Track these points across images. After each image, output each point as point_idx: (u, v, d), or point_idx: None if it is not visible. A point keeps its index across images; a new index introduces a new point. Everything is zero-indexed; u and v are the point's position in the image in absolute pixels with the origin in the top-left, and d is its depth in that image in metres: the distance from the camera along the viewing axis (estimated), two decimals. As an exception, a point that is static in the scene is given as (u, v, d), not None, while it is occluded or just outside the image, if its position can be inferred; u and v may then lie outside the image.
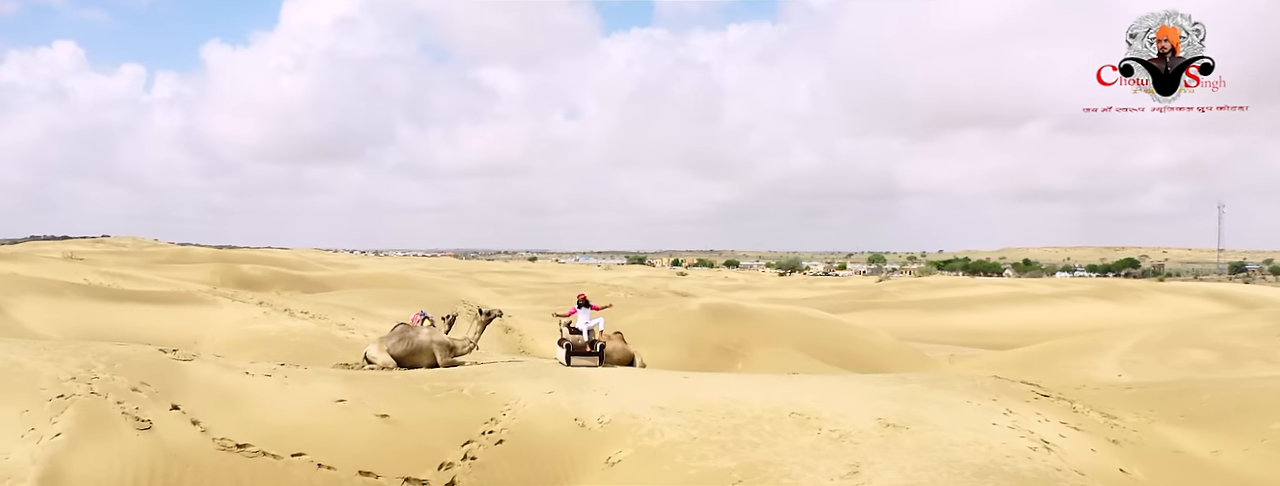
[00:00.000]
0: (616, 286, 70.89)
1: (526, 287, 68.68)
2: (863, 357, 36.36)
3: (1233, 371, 28.66)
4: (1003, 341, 50.05)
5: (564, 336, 15.29)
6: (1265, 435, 12.39)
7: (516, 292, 62.40)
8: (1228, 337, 32.02)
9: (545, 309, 46.36)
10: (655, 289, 74.58)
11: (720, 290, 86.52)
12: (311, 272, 50.25)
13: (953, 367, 36.66)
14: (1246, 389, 14.37)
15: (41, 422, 9.14)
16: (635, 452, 11.39)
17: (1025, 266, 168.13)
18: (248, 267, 45.55)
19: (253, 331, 19.57)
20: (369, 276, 52.20)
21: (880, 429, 11.57)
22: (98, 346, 11.34)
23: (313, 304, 23.32)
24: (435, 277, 61.79)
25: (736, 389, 13.63)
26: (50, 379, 10.02)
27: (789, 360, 33.10)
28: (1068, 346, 37.21)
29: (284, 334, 19.66)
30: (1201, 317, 41.44)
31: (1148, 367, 31.50)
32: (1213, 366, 29.94)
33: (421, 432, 11.39)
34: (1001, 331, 55.68)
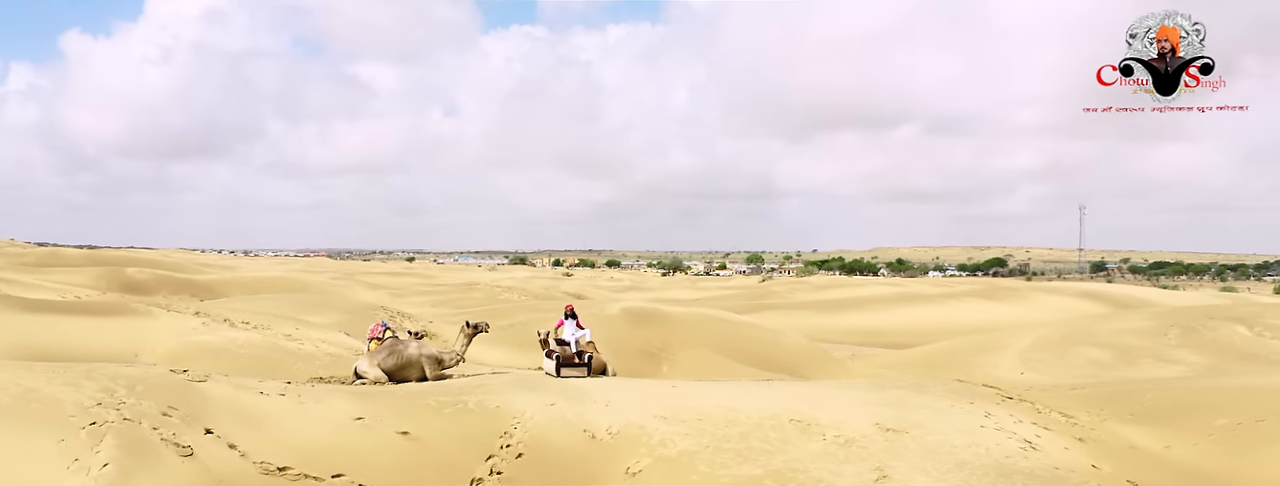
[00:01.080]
0: (509, 288, 70.84)
1: (418, 289, 67.75)
2: (777, 359, 37.56)
3: (1128, 369, 31.27)
4: (897, 340, 52.45)
5: (552, 348, 15.67)
6: (1211, 431, 13.94)
7: (409, 294, 61.59)
8: (1119, 337, 34.80)
9: (447, 313, 46.14)
10: (546, 290, 74.70)
11: (609, 291, 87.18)
12: (198, 276, 48.22)
13: (855, 367, 38.41)
14: (1186, 389, 16.02)
15: (83, 453, 9.04)
16: (654, 462, 11.96)
17: (899, 266, 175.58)
18: (133, 271, 43.37)
19: (196, 343, 19.09)
20: (259, 280, 50.55)
21: (881, 433, 12.49)
22: (107, 368, 11.12)
23: (249, 313, 22.76)
24: (323, 280, 60.27)
25: (728, 397, 14.36)
26: (75, 405, 9.85)
27: (711, 363, 34.04)
28: (968, 345, 39.59)
29: (229, 345, 19.26)
30: (1090, 317, 44.58)
31: (1047, 365, 33.79)
32: (1109, 364, 32.51)
33: (444, 449, 11.66)
34: (895, 331, 58.17)
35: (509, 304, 57.31)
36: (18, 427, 9.32)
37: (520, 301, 59.94)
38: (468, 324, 15.78)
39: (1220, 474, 12.87)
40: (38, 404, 9.78)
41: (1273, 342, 30.81)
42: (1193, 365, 30.16)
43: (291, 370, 17.59)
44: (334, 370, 17.20)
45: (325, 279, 62.22)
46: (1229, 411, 14.35)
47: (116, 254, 70.28)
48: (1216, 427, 13.99)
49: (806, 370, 35.36)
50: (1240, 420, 13.96)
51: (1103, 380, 27.02)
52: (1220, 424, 14.04)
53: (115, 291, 36.43)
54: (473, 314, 43.18)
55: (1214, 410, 14.54)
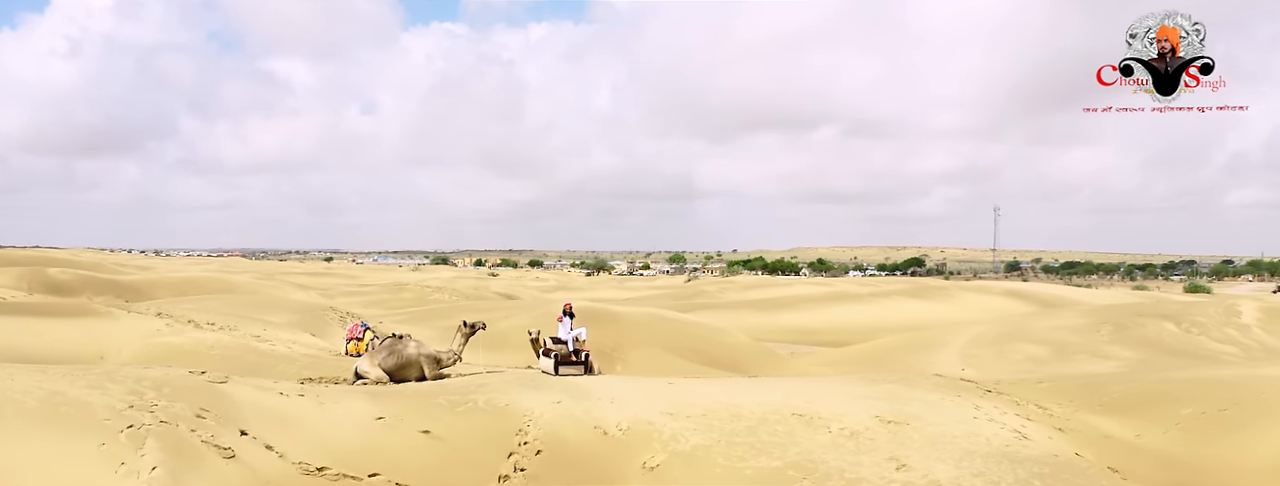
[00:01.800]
0: (439, 289, 70.33)
1: (345, 290, 66.73)
2: (724, 358, 38.27)
3: (1064, 365, 32.83)
4: (832, 339, 53.82)
5: (548, 346, 15.94)
6: (1177, 420, 14.97)
7: (337, 295, 60.65)
8: (1054, 334, 36.51)
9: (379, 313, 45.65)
10: (475, 290, 74.42)
11: (538, 291, 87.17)
12: (121, 277, 46.66)
13: (797, 365, 39.38)
14: (1149, 382, 17.11)
15: (129, 456, 9.05)
16: (670, 457, 12.37)
17: (820, 266, 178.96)
18: (55, 272, 41.75)
19: (163, 345, 18.77)
20: (185, 280, 49.20)
21: (883, 426, 13.15)
22: (128, 370, 11.08)
23: (212, 314, 22.40)
24: (248, 280, 58.96)
25: (726, 393, 14.88)
26: (106, 408, 9.82)
27: (662, 362, 34.56)
28: (908, 342, 41.00)
29: (198, 347, 18.99)
30: (1024, 315, 46.43)
31: (986, 361, 35.17)
32: (1046, 360, 34.09)
33: (466, 447, 11.89)
34: (828, 329, 59.54)
35: (440, 304, 57.04)
36: (53, 431, 9.27)
37: (451, 302, 59.65)
38: (465, 323, 15.98)
39: (1191, 460, 13.85)
40: (67, 407, 9.72)
41: (1200, 339, 32.71)
42: (1126, 360, 31.87)
43: (273, 372, 17.46)
44: (317, 371, 17.14)
45: (250, 279, 60.87)
46: (1192, 401, 15.41)
47: (27, 253, 67.43)
48: (1182, 417, 15.02)
49: (752, 368, 36.07)
50: (1204, 409, 15.02)
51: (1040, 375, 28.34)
52: (1185, 413, 15.08)
53: (39, 292, 35.16)
54: (410, 314, 43.04)
55: (1178, 400, 15.59)
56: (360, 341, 18.92)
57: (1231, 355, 30.10)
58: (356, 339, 18.97)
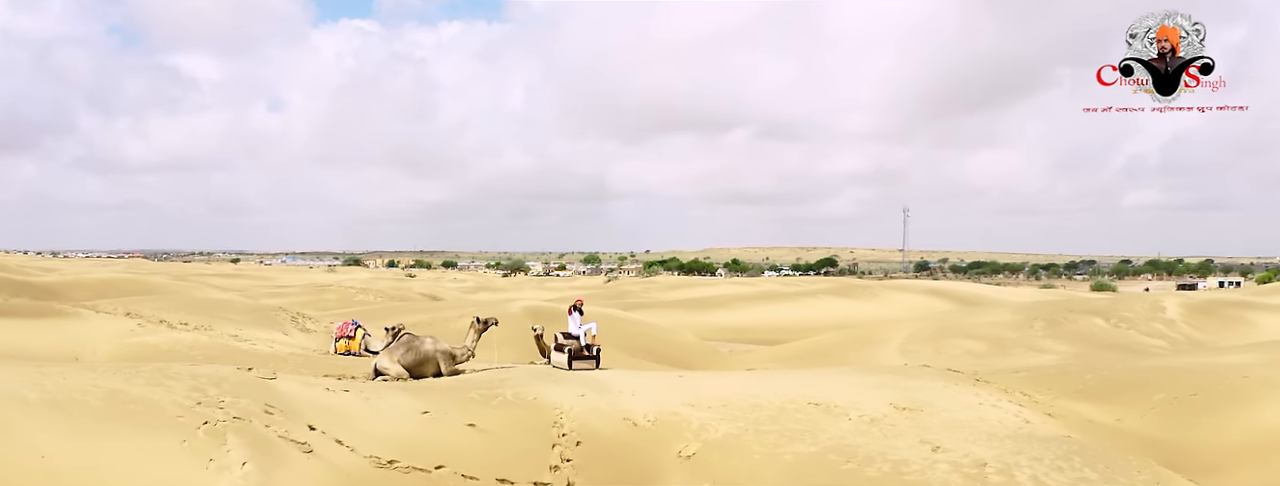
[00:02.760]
0: (363, 289, 69.45)
1: (264, 292, 65.24)
2: (671, 355, 38.96)
3: (1002, 359, 34.43)
4: (766, 337, 54.99)
5: (561, 342, 16.35)
6: (1152, 405, 16.20)
7: (260, 297, 59.36)
8: (989, 329, 38.22)
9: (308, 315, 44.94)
10: (399, 291, 73.72)
11: (459, 292, 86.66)
12: (36, 278, 44.82)
13: (740, 362, 40.30)
14: (1120, 370, 18.38)
15: (215, 452, 9.19)
16: (704, 446, 12.93)
17: (735, 266, 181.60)
18: (-29, 274, 39.99)
19: (140, 345, 18.46)
20: (102, 282, 47.54)
21: (899, 412, 13.97)
22: (176, 368, 11.10)
23: (180, 313, 21.99)
24: (164, 281, 57.31)
25: (739, 384, 15.53)
26: (174, 405, 9.90)
27: (616, 359, 34.95)
28: (848, 338, 42.31)
29: (177, 347, 18.74)
30: (958, 312, 48.23)
31: (926, 356, 36.55)
32: (984, 354, 35.70)
33: (512, 439, 12.24)
34: (760, 327, 60.78)
35: (367, 305, 56.38)
36: (127, 429, 9.33)
37: (376, 303, 59.02)
38: (478, 319, 16.28)
39: (1170, 441, 15.04)
40: (134, 405, 9.77)
41: (1129, 333, 34.77)
42: (1062, 354, 33.65)
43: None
44: (313, 370, 17.12)
45: (165, 280, 59.14)
46: (1163, 388, 16.68)
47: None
48: (1157, 402, 16.25)
49: (699, 366, 36.80)
50: (1176, 395, 16.28)
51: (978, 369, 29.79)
52: (1158, 399, 16.33)
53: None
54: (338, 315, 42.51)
55: (1150, 387, 16.84)
56: (351, 340, 18.91)
57: (1161, 348, 32.11)
58: (348, 337, 18.96)
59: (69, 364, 12.01)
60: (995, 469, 10.38)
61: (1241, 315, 36.89)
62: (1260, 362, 16.90)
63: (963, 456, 11.15)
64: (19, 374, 10.22)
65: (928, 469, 10.82)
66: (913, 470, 10.87)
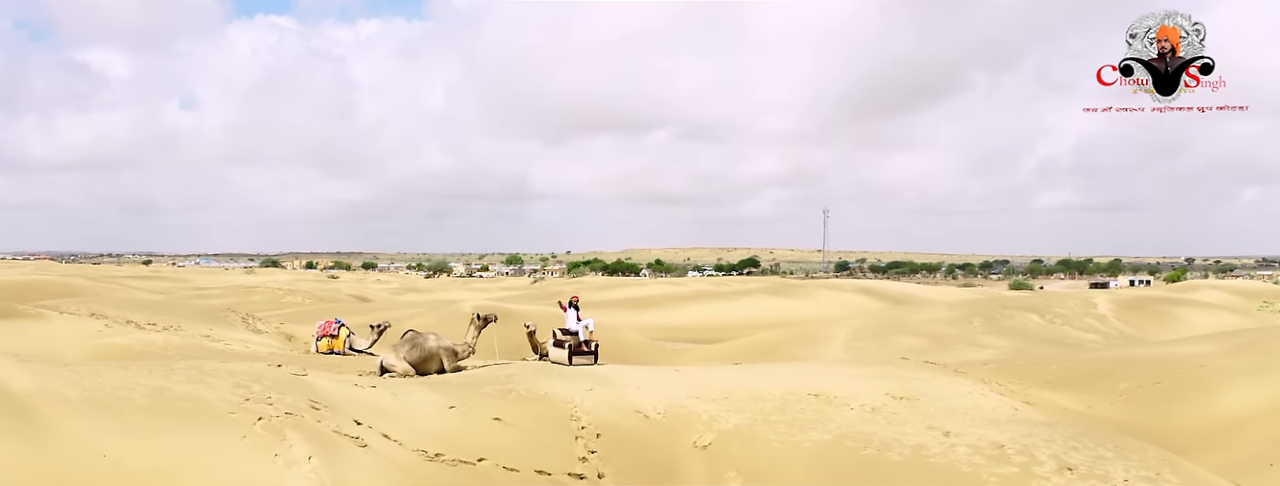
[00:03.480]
0: (291, 291, 68.29)
1: (186, 294, 63.65)
2: (619, 354, 39.05)
3: (944, 354, 35.66)
4: (705, 336, 55.69)
5: (559, 338, 16.63)
6: (1119, 393, 17.24)
7: (188, 300, 58.01)
8: (929, 326, 39.55)
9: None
10: (327, 292, 72.68)
11: (388, 293, 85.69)
12: (-45, 281, 42.95)
13: (685, 359, 40.91)
14: (1084, 361, 19.44)
15: (278, 447, 9.31)
16: (718, 436, 13.39)
17: (659, 266, 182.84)
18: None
19: (111, 346, 18.10)
20: (22, 284, 45.75)
21: (898, 402, 14.65)
22: (212, 365, 11.10)
23: (146, 314, 21.51)
24: (81, 282, 55.44)
25: (736, 377, 16.06)
26: (223, 402, 9.96)
27: (568, 359, 35.22)
28: (791, 336, 43.26)
29: (150, 347, 18.43)
30: (888, 310, 49.59)
31: (870, 352, 37.68)
32: (926, 350, 36.86)
33: (536, 432, 12.52)
34: (698, 326, 61.49)
35: (298, 306, 55.49)
36: (182, 426, 9.37)
37: (305, 304, 58.19)
38: (477, 316, 16.45)
39: (1141, 426, 16.04)
40: (183, 402, 9.79)
41: (1063, 328, 36.40)
42: (1002, 349, 35.05)
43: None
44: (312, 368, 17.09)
45: (84, 282, 57.23)
46: (1127, 377, 17.76)
47: None
48: (1123, 390, 17.30)
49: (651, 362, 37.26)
50: (1140, 383, 17.36)
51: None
52: (1124, 387, 17.38)
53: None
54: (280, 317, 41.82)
55: (1114, 377, 17.90)
56: (335, 338, 18.82)
57: (1095, 342, 33.72)
58: (331, 335, 18.86)
59: (94, 363, 11.85)
60: (1015, 449, 11.05)
61: (1168, 311, 38.94)
62: (1215, 352, 18.09)
63: (976, 439, 11.81)
64: (53, 373, 10.12)
65: (948, 452, 11.44)
66: (933, 453, 11.48)
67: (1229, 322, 36.44)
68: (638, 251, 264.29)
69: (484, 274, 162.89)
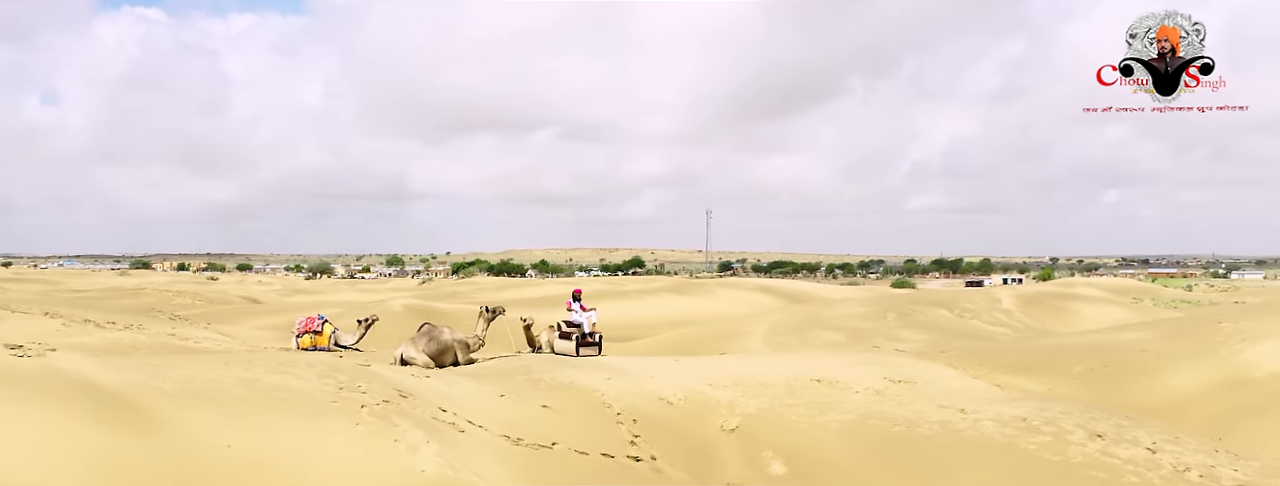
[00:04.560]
0: (181, 292, 65.73)
1: (66, 297, 60.58)
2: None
3: (860, 345, 37.45)
4: (618, 334, 55.87)
5: (565, 330, 17.05)
6: (1074, 376, 18.75)
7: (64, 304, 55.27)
8: (845, 321, 41.18)
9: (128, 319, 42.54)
10: (218, 294, 70.38)
11: (277, 294, 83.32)
12: None
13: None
14: (1033, 348, 20.95)
15: (394, 434, 9.56)
16: (743, 420, 14.13)
17: (544, 267, 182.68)
18: None
19: (78, 346, 17.31)
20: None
21: (897, 385, 15.68)
22: (289, 356, 11.21)
23: (102, 314, 20.71)
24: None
25: (737, 366, 16.93)
26: (319, 392, 10.16)
27: (504, 357, 35.42)
28: (710, 332, 44.25)
29: (117, 346, 17.76)
30: (792, 307, 51.20)
31: (793, 347, 38.89)
32: (845, 344, 38.51)
33: (580, 417, 13.00)
34: (611, 325, 60.88)
35: (193, 308, 53.58)
36: (292, 415, 9.52)
37: (197, 305, 56.16)
38: (486, 308, 16.70)
39: (1100, 405, 17.49)
40: (281, 392, 9.93)
41: (974, 322, 38.57)
42: (919, 342, 36.86)
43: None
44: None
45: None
46: (1079, 362, 19.30)
47: None
48: (1077, 373, 18.82)
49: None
50: (1092, 367, 18.90)
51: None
52: (1078, 370, 18.90)
53: None
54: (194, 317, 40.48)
55: (1067, 361, 19.43)
56: (319, 335, 18.58)
57: (1005, 335, 35.91)
58: (315, 332, 18.60)
59: (164, 355, 11.66)
60: (1039, 421, 12.14)
61: (1065, 305, 41.71)
62: (1152, 338, 19.84)
63: (995, 415, 12.87)
64: (132, 365, 10.07)
65: (974, 426, 12.46)
66: (961, 427, 12.48)
67: (1120, 316, 39.35)
68: (519, 252, 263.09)
69: (366, 275, 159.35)
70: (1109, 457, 10.56)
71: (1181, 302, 48.11)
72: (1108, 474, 10.10)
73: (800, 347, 38.96)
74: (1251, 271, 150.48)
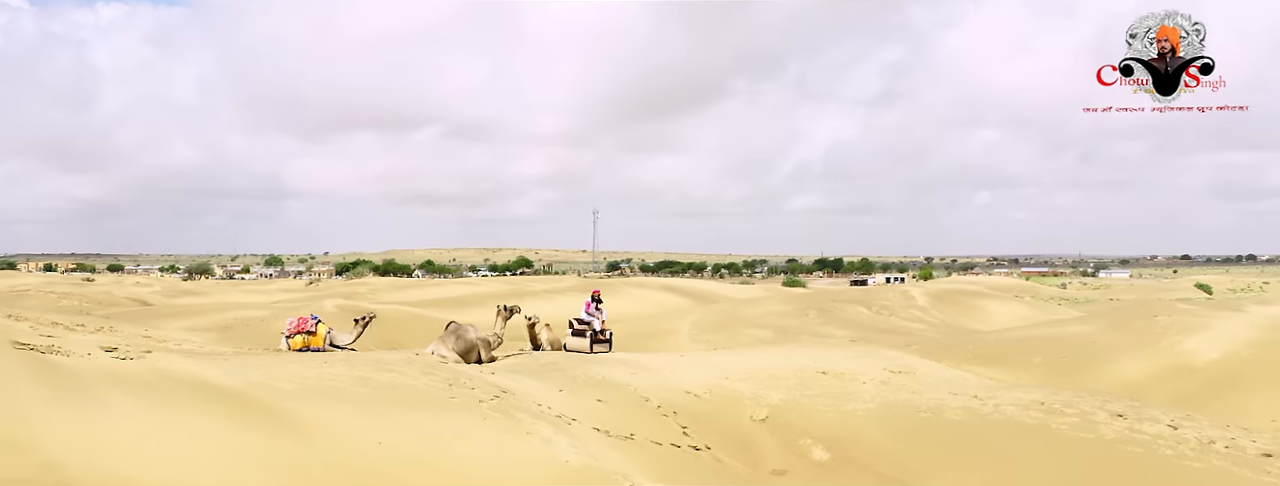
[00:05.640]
0: (65, 294, 62.41)
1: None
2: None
3: (791, 343, 38.74)
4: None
5: (579, 328, 17.37)
6: (1035, 366, 20.17)
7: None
8: (768, 318, 42.53)
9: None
10: (105, 295, 67.11)
11: (165, 295, 79.81)
12: None
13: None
14: (992, 341, 22.33)
15: (522, 426, 9.84)
16: (772, 410, 14.81)
17: (431, 268, 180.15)
18: None
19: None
20: None
21: (898, 376, 16.63)
22: (387, 356, 11.21)
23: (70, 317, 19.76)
24: None
25: (745, 361, 17.66)
26: (434, 389, 10.38)
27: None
28: (636, 331, 44.87)
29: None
30: (729, 305, 52.28)
31: (721, 344, 40.05)
32: (772, 341, 39.67)
33: (630, 410, 13.46)
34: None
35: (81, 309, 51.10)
36: (423, 412, 9.73)
37: (84, 306, 53.57)
38: (503, 307, 16.85)
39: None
40: (400, 390, 10.16)
41: (892, 318, 40.37)
42: (841, 337, 38.46)
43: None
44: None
45: None
46: (1037, 353, 20.76)
47: None
48: (1037, 363, 20.24)
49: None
50: (1049, 358, 20.37)
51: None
52: (1038, 361, 20.33)
53: None
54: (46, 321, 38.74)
55: (1027, 353, 20.85)
56: (314, 335, 18.26)
57: (923, 329, 37.76)
58: (308, 332, 18.26)
59: (254, 355, 11.46)
60: (1059, 404, 13.19)
61: (972, 302, 44.05)
62: (1097, 331, 21.49)
63: (1012, 400, 13.90)
64: (231, 365, 10.01)
65: (997, 410, 13.43)
66: (985, 412, 13.44)
67: (1023, 312, 41.87)
68: (400, 252, 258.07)
69: (245, 275, 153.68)
70: (1137, 434, 11.64)
71: (1062, 300, 51.52)
72: (1143, 449, 11.14)
73: (729, 345, 40.00)
74: (1118, 271, 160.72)
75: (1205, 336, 19.82)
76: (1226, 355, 18.97)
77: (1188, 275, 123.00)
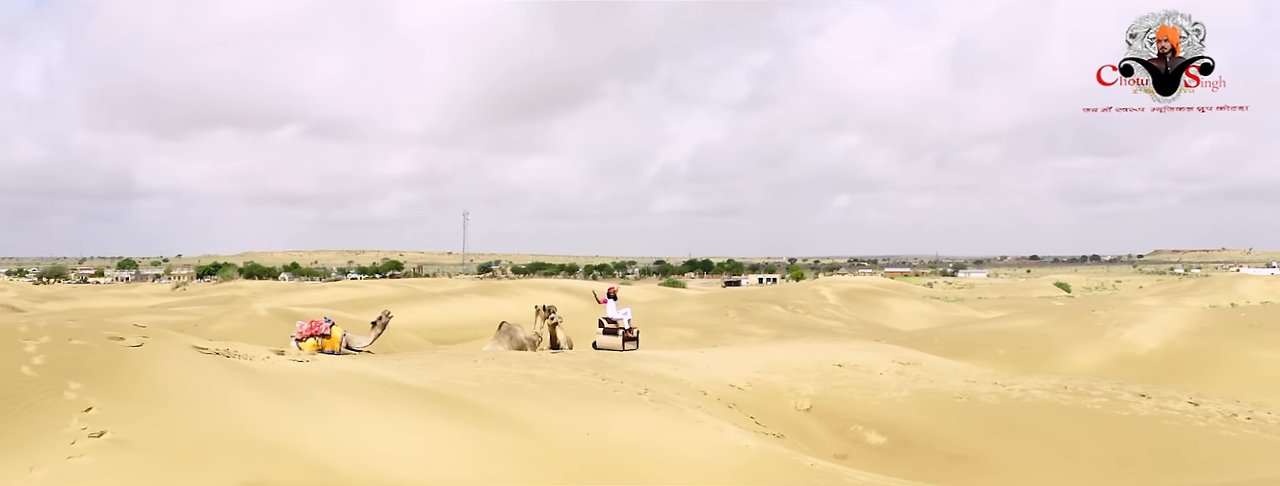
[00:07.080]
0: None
1: None
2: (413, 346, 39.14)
3: (715, 341, 39.84)
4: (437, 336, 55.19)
5: (608, 326, 17.76)
6: (999, 357, 21.77)
7: None
8: (690, 318, 43.54)
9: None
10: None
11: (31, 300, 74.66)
12: None
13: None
14: (954, 335, 23.87)
15: (691, 416, 10.33)
16: (814, 400, 15.64)
17: (297, 270, 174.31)
18: None
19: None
20: None
21: (907, 366, 17.77)
22: (524, 354, 11.38)
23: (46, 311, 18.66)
24: None
25: (763, 355, 18.45)
26: (595, 384, 10.80)
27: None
28: (558, 333, 45.32)
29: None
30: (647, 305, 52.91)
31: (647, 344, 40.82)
32: (697, 340, 40.68)
33: (701, 402, 13.91)
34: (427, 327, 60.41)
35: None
36: (595, 404, 10.22)
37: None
38: (542, 308, 17.10)
39: (1029, 380, 20.50)
40: (567, 385, 11.03)
41: (808, 317, 42.04)
42: (764, 336, 39.81)
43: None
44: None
45: None
46: (999, 346, 22.39)
47: None
48: (1001, 355, 21.84)
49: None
50: (1011, 349, 22.03)
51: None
52: (1002, 353, 21.94)
53: None
54: None
55: (989, 345, 22.45)
56: (329, 338, 17.84)
57: (840, 327, 39.55)
58: (323, 335, 17.81)
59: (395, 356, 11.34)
60: (1082, 387, 14.51)
61: (878, 301, 46.30)
62: (1048, 324, 23.34)
63: (1035, 385, 15.17)
64: (391, 366, 10.09)
65: (1026, 394, 14.65)
66: (1016, 396, 14.63)
67: (924, 309, 44.33)
68: (258, 255, 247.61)
69: (100, 279, 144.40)
70: (1167, 410, 13.02)
71: (952, 299, 54.86)
72: (1179, 422, 12.51)
73: (654, 345, 40.76)
74: (975, 270, 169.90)
75: (1141, 328, 21.89)
76: (1164, 345, 21.06)
77: (1040, 274, 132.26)
